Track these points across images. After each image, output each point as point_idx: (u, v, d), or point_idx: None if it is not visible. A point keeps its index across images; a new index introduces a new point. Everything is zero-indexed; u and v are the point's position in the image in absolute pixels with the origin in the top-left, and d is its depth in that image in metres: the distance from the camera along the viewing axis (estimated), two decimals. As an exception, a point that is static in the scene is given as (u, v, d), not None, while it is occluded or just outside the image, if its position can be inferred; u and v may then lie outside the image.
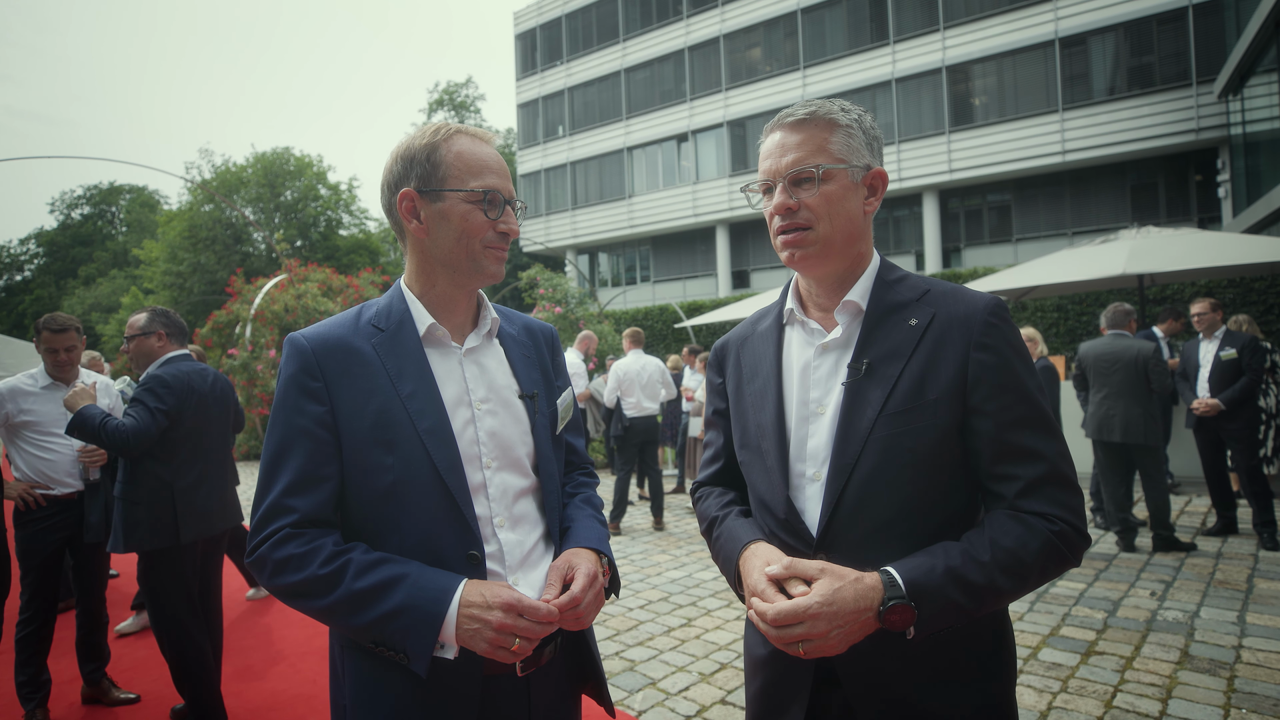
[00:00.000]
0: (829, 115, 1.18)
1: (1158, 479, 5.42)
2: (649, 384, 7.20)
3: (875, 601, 1.02)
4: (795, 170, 1.16)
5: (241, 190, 35.45)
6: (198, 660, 2.96)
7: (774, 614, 1.02)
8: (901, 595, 1.01)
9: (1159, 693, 3.17)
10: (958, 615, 1.04)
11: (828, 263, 1.20)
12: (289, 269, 14.36)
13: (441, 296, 1.29)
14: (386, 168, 1.28)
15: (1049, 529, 1.06)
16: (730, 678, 3.51)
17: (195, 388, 3.04)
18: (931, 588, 1.02)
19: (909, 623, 1.01)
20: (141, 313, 3.14)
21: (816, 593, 1.02)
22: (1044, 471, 1.09)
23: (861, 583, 1.03)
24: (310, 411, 1.18)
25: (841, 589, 1.02)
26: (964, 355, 1.12)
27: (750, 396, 1.30)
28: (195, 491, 3.02)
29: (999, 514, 1.10)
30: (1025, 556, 1.05)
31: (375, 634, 1.11)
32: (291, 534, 1.13)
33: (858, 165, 1.18)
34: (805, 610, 1.00)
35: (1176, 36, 18.08)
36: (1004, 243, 21.20)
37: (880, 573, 1.05)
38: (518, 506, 1.29)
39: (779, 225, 1.20)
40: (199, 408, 3.05)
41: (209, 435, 3.13)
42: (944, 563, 1.04)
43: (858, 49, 22.62)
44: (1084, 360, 5.64)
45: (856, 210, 1.19)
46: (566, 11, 29.78)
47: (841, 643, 1.02)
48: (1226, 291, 13.15)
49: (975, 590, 1.03)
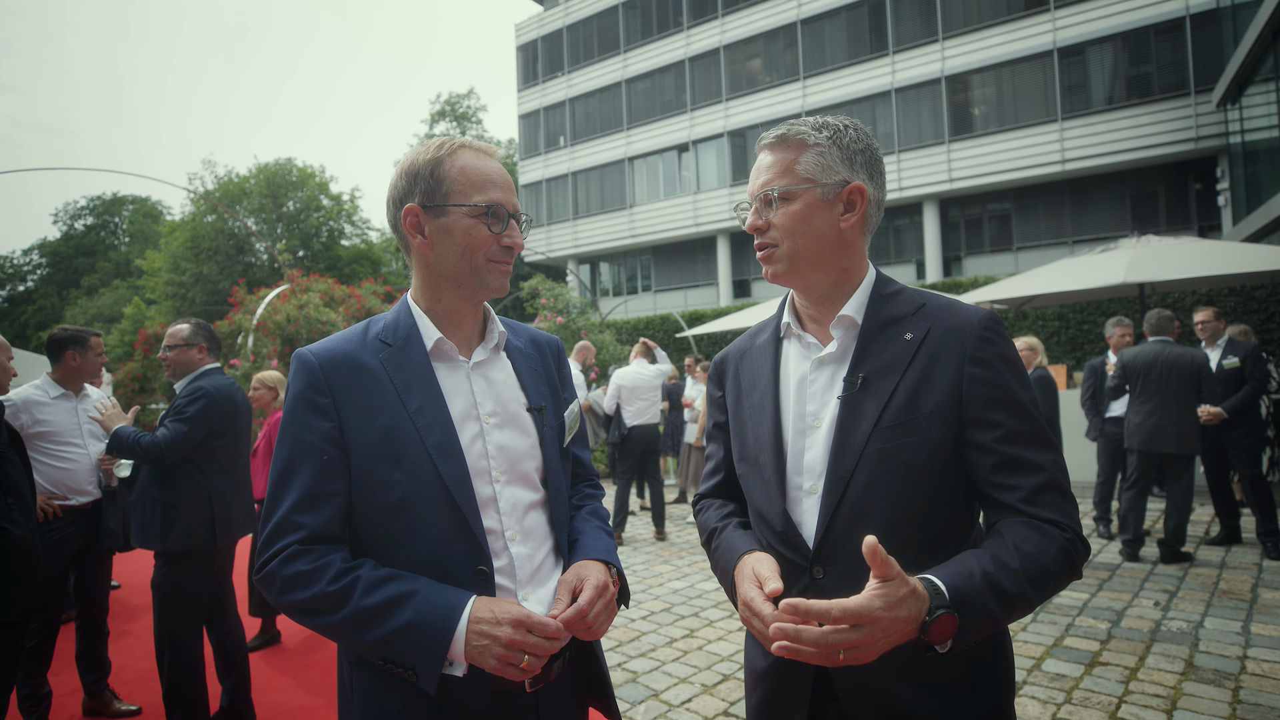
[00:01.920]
0: (799, 136, 1.21)
1: (1190, 491, 5.31)
2: (649, 393, 7.19)
3: (922, 611, 0.94)
4: (764, 191, 1.22)
5: (244, 201, 35.63)
6: (195, 672, 2.97)
7: (840, 611, 0.91)
8: (946, 604, 0.95)
9: (1163, 704, 3.15)
10: (991, 625, 1.00)
11: (800, 277, 1.24)
12: (291, 279, 14.39)
13: (448, 311, 1.30)
14: (391, 183, 1.28)
15: (1062, 536, 1.06)
16: (733, 689, 3.50)
17: (235, 400, 3.18)
18: (973, 595, 0.97)
19: (950, 634, 0.95)
20: (183, 324, 3.24)
21: (877, 596, 0.92)
22: (1044, 480, 1.09)
23: (915, 592, 0.94)
24: (318, 427, 1.18)
25: (902, 596, 0.93)
26: (959, 369, 1.13)
27: (748, 410, 1.31)
28: (229, 498, 3.16)
29: (1013, 522, 1.08)
30: (1047, 564, 1.03)
31: (384, 651, 1.10)
32: (300, 550, 1.13)
33: (829, 182, 1.19)
34: (870, 613, 0.91)
35: (1174, 46, 18.17)
36: (1004, 252, 21.23)
37: (922, 580, 0.98)
38: (528, 520, 1.29)
39: (755, 243, 1.26)
40: (236, 419, 3.18)
41: (240, 445, 3.28)
42: (980, 569, 1.00)
43: (857, 59, 22.74)
44: (1132, 367, 5.40)
45: (825, 226, 1.20)
46: (568, 23, 30.00)
47: (880, 652, 0.95)
48: (1227, 300, 13.16)
49: (1008, 599, 0.99)
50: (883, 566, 0.92)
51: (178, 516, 2.98)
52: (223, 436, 3.12)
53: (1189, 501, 5.32)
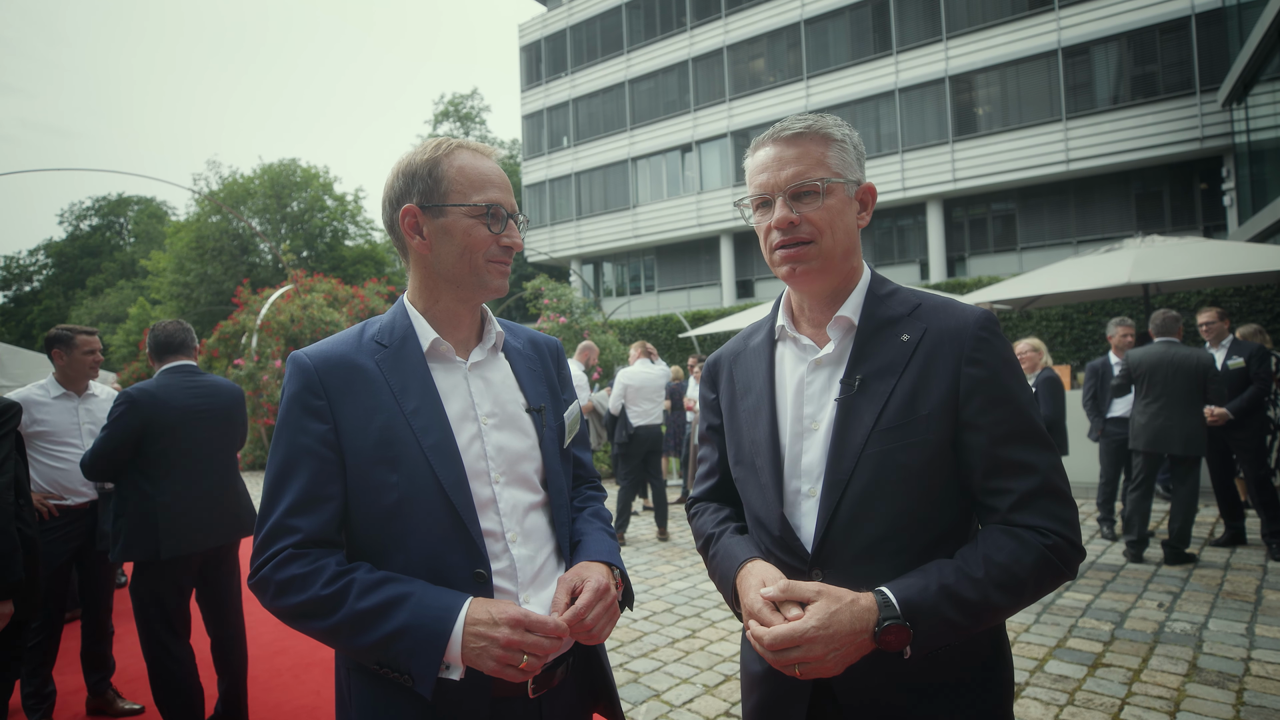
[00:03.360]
0: (824, 130, 1.18)
1: (1196, 492, 5.30)
2: (655, 393, 7.23)
3: (870, 623, 1.02)
4: (797, 184, 1.15)
5: (248, 201, 35.72)
6: (173, 675, 2.95)
7: (770, 638, 1.03)
8: (896, 615, 1.02)
9: (1167, 705, 3.14)
10: (954, 633, 1.04)
11: (826, 277, 1.20)
12: (295, 279, 14.44)
13: (445, 312, 1.29)
14: (388, 184, 1.27)
15: (1042, 543, 1.06)
16: (734, 690, 3.50)
17: (169, 403, 2.97)
18: (926, 607, 1.02)
19: (905, 642, 1.02)
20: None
21: (812, 616, 1.02)
22: (1037, 484, 1.09)
23: (857, 604, 1.03)
24: (313, 430, 1.17)
25: (837, 612, 1.02)
26: (955, 370, 1.12)
27: (744, 413, 1.30)
28: (182, 505, 2.95)
29: (992, 529, 1.10)
30: (1019, 572, 1.05)
31: (379, 655, 1.09)
32: (295, 554, 1.11)
33: (851, 180, 1.19)
34: (802, 634, 1.01)
35: (1179, 45, 18.10)
36: (1008, 252, 21.17)
37: (875, 593, 1.05)
38: (529, 521, 1.28)
39: (778, 240, 1.18)
40: (179, 422, 2.98)
41: (198, 449, 3.04)
42: (938, 581, 1.04)
43: (861, 59, 22.70)
44: (1137, 368, 5.39)
45: (852, 224, 1.20)
46: (571, 24, 30.00)
47: (838, 664, 1.03)
48: (1232, 300, 13.11)
49: (970, 607, 1.03)
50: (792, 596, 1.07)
51: (123, 527, 2.90)
52: (159, 440, 2.91)
53: (1194, 503, 5.29)
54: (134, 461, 2.94)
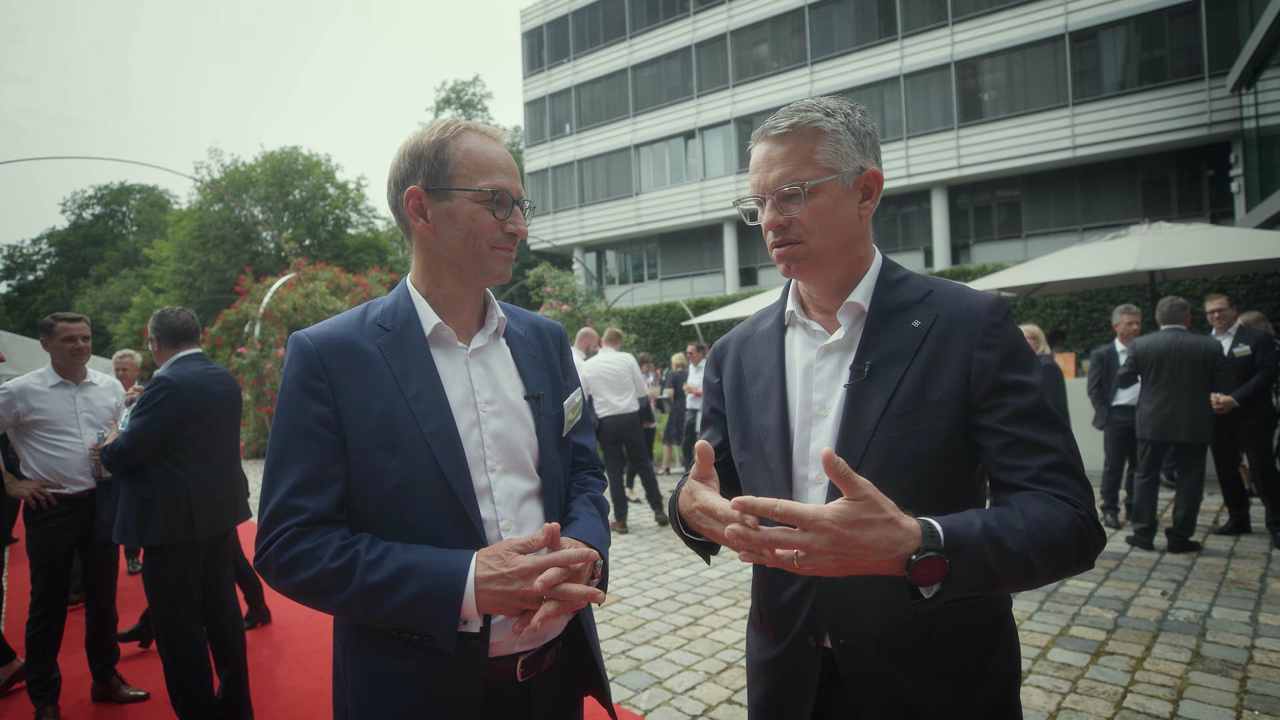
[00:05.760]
0: (813, 124, 1.14)
1: (1201, 480, 5.29)
2: (615, 382, 6.93)
3: (909, 549, 0.90)
4: (782, 186, 1.14)
5: (250, 190, 35.68)
6: (192, 660, 2.97)
7: (781, 510, 0.88)
8: (940, 549, 0.91)
9: (1170, 694, 3.14)
10: (984, 582, 0.95)
11: (823, 271, 1.19)
12: (297, 268, 14.43)
13: (448, 296, 1.28)
14: (394, 164, 1.25)
15: (1074, 511, 1.02)
16: (737, 677, 3.50)
17: (205, 388, 3.09)
18: (969, 544, 0.93)
19: (937, 579, 0.91)
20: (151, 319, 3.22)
21: (842, 512, 0.88)
22: (1055, 460, 1.05)
23: (897, 526, 0.90)
24: (314, 412, 1.17)
25: (872, 523, 0.89)
26: (967, 356, 1.10)
27: (753, 398, 1.28)
28: (211, 489, 3.10)
29: (1022, 494, 1.05)
30: (1055, 532, 0.99)
31: (395, 623, 1.11)
32: (300, 532, 1.12)
33: (848, 170, 1.15)
34: (816, 519, 0.87)
35: (1188, 29, 17.89)
36: (1014, 239, 21.06)
37: (920, 521, 0.94)
38: (523, 510, 1.28)
39: (772, 240, 1.19)
40: (207, 406, 3.09)
41: (219, 434, 3.18)
42: (981, 521, 0.97)
43: (865, 45, 22.50)
44: (1144, 355, 5.36)
45: (850, 217, 1.17)
46: (573, 9, 29.75)
47: (841, 568, 0.91)
48: (1239, 288, 13.03)
49: (1009, 558, 0.95)
50: (844, 482, 0.88)
51: (154, 510, 2.93)
52: (191, 425, 3.03)
53: (1199, 491, 5.28)
54: (162, 446, 3.01)
